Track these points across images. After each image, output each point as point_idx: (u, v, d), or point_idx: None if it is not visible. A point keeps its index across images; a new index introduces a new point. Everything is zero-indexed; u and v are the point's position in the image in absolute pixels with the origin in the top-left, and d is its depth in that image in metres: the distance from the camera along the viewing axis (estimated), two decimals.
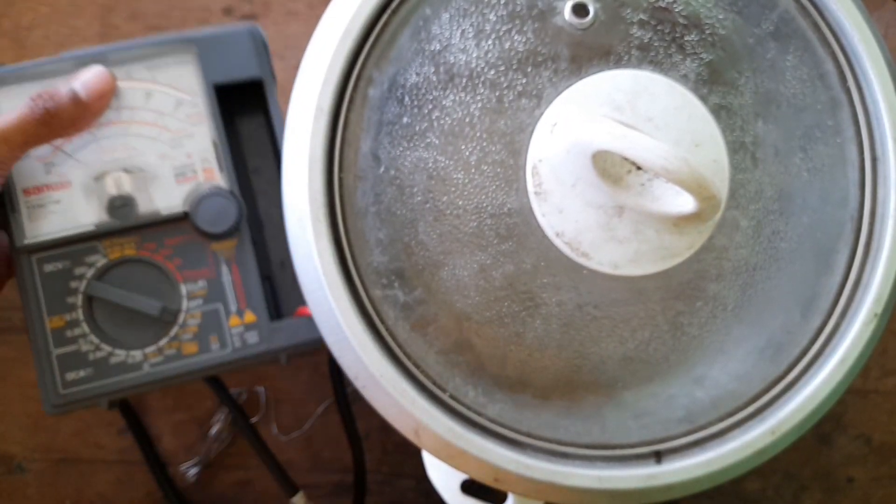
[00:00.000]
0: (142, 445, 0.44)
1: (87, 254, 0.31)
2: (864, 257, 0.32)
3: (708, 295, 0.32)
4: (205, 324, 0.32)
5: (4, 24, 0.45)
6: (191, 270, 0.32)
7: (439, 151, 0.31)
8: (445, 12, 0.31)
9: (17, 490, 0.45)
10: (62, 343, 0.31)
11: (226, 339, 0.32)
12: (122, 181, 0.31)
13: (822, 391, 0.31)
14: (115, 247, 0.31)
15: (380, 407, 0.30)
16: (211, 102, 0.32)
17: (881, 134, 0.32)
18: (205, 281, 0.32)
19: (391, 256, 0.31)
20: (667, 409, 0.31)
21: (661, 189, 0.30)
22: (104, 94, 0.31)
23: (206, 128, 0.32)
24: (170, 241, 0.32)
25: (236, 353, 0.32)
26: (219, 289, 0.32)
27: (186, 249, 0.32)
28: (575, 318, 0.31)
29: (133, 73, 0.31)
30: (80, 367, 0.31)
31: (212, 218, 0.32)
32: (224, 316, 0.32)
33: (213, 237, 0.32)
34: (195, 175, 0.32)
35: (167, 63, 0.32)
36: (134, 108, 0.32)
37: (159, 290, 0.32)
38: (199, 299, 0.32)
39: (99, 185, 0.31)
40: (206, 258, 0.32)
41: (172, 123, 0.32)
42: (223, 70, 0.32)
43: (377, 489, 0.46)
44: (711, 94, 0.32)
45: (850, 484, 0.48)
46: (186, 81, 0.32)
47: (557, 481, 0.29)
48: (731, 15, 0.32)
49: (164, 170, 0.32)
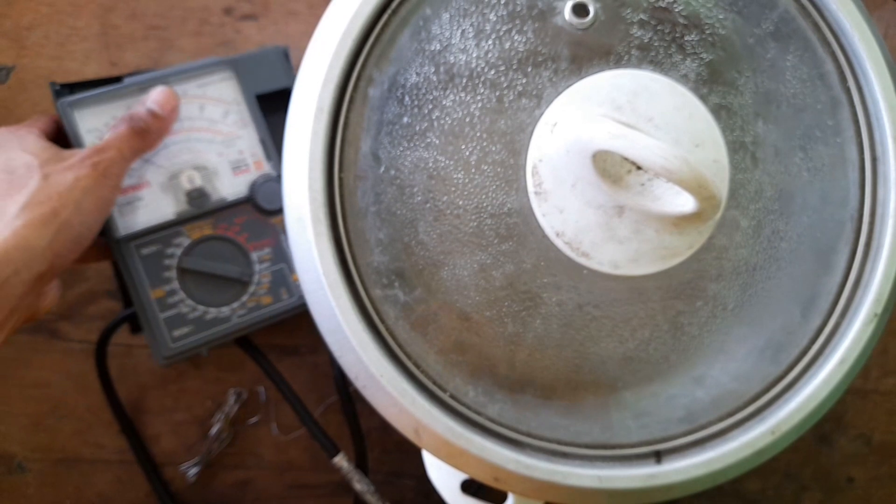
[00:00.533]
0: (135, 448, 0.44)
1: (174, 237, 0.38)
2: (864, 257, 0.32)
3: (708, 295, 0.32)
4: (274, 280, 0.40)
5: (5, 25, 0.45)
6: (257, 241, 0.40)
7: (439, 151, 0.31)
8: (445, 12, 0.31)
9: (17, 490, 0.45)
10: (165, 308, 0.38)
11: (292, 289, 0.40)
12: (195, 177, 0.39)
13: (822, 391, 0.31)
14: (195, 229, 0.39)
15: (380, 406, 0.30)
16: (253, 109, 0.39)
17: (881, 134, 0.32)
18: (269, 248, 0.40)
19: (391, 256, 0.31)
20: (667, 409, 0.31)
21: (662, 189, 0.30)
22: (174, 108, 0.37)
23: (251, 129, 0.39)
24: (238, 220, 0.39)
25: (302, 300, 0.39)
26: (281, 252, 0.40)
27: (251, 225, 0.40)
28: (575, 317, 0.31)
29: (188, 91, 0.39)
30: (183, 325, 0.38)
31: (268, 198, 0.39)
32: (288, 273, 0.40)
33: (271, 213, 0.39)
34: (248, 167, 0.40)
35: (213, 81, 0.39)
36: (191, 118, 0.39)
37: (235, 259, 0.39)
38: (267, 262, 0.40)
39: (174, 183, 0.38)
40: (267, 230, 0.40)
41: (223, 128, 0.39)
42: (261, 82, 0.40)
43: (377, 488, 0.46)
44: (712, 94, 0.32)
45: (850, 484, 0.48)
46: (230, 94, 0.39)
47: (557, 481, 0.29)
48: (732, 15, 0.32)
49: (223, 165, 0.39)
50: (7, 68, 0.45)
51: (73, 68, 0.45)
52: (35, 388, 0.45)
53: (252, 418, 0.45)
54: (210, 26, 0.46)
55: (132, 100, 0.37)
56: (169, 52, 0.46)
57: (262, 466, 0.46)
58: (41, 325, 0.45)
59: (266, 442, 0.46)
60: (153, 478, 0.44)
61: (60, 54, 0.45)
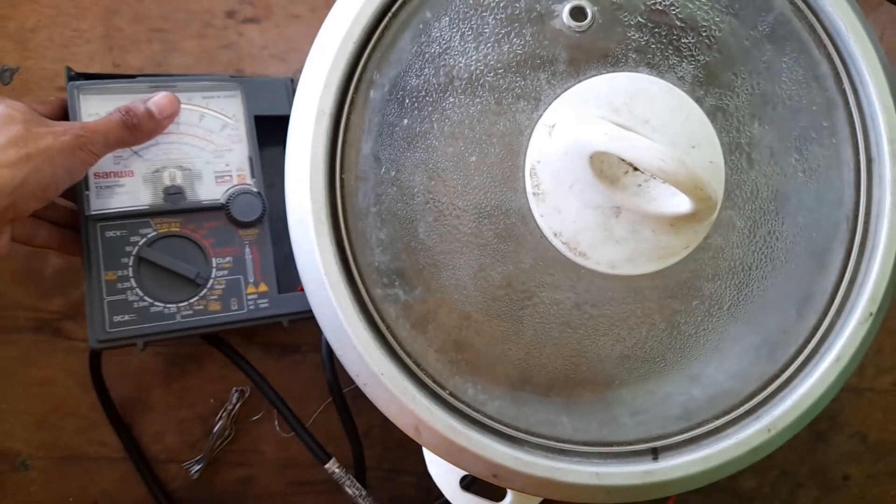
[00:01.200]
0: (127, 447, 0.45)
1: (141, 227, 0.39)
2: (860, 257, 0.33)
3: (704, 294, 0.32)
4: (228, 289, 0.40)
5: (9, 26, 0.45)
6: (221, 248, 0.40)
7: (439, 153, 0.31)
8: (445, 16, 0.31)
9: (21, 488, 0.45)
10: (113, 293, 0.38)
11: (243, 302, 0.40)
12: (176, 175, 0.40)
13: (818, 389, 0.31)
14: (163, 224, 0.40)
15: (381, 404, 0.30)
16: (250, 127, 0.41)
17: (876, 135, 0.33)
18: (231, 257, 0.40)
19: (392, 256, 0.31)
20: (663, 407, 0.32)
21: (658, 190, 0.31)
22: (172, 115, 0.39)
23: (243, 145, 0.41)
24: (208, 225, 0.40)
25: (250, 314, 0.40)
26: (242, 264, 0.40)
27: (219, 232, 0.40)
28: (573, 316, 0.31)
29: (192, 99, 0.41)
30: (125, 313, 0.38)
31: (243, 210, 0.40)
32: (244, 285, 0.40)
33: (242, 225, 0.41)
34: (231, 178, 0.41)
35: (219, 95, 0.41)
36: (190, 124, 0.41)
37: (195, 260, 0.40)
38: (225, 271, 0.40)
39: (156, 177, 0.40)
40: (234, 240, 0.41)
41: (218, 139, 0.41)
42: (263, 106, 0.42)
43: (378, 485, 0.46)
44: (708, 96, 0.32)
45: (845, 481, 0.48)
46: (232, 110, 0.41)
47: (555, 477, 0.30)
48: (728, 17, 0.33)
49: (208, 172, 0.41)
50: (11, 69, 0.45)
51: (76, 70, 0.46)
52: (39, 386, 0.45)
53: (254, 416, 0.46)
54: (213, 29, 0.46)
55: (137, 97, 0.39)
56: (172, 54, 0.46)
57: (263, 463, 0.46)
58: (45, 325, 0.45)
59: (268, 439, 0.46)
60: (148, 477, 0.45)
61: (64, 56, 0.45)
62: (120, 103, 0.38)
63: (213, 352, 0.45)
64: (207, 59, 0.46)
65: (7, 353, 0.45)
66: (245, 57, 0.47)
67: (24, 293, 0.45)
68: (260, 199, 0.40)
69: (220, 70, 0.46)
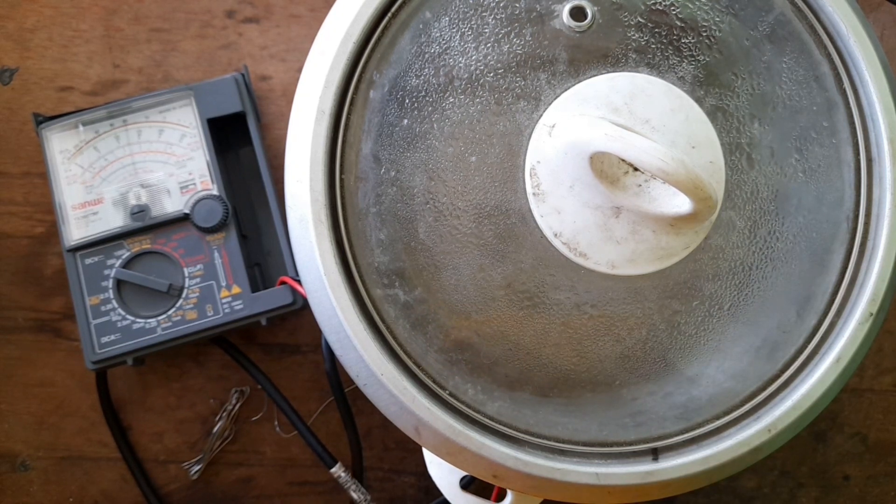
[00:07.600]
0: (121, 448, 0.45)
1: (115, 249, 0.41)
2: (860, 257, 0.32)
3: (704, 294, 0.32)
4: (202, 296, 0.41)
5: (8, 26, 0.45)
6: (191, 257, 0.41)
7: (439, 153, 0.31)
8: (445, 16, 0.32)
9: (21, 488, 0.45)
10: (98, 315, 0.40)
11: (218, 307, 0.41)
12: (141, 194, 0.42)
13: (818, 389, 0.31)
14: (135, 243, 0.41)
15: (381, 405, 0.30)
16: (205, 133, 0.42)
17: (877, 135, 0.33)
18: (202, 265, 0.41)
19: (392, 256, 0.31)
20: (664, 407, 0.32)
21: (658, 190, 0.31)
22: None
23: (201, 151, 0.42)
24: (176, 237, 0.41)
25: (226, 317, 0.41)
26: (212, 270, 0.41)
27: (188, 242, 0.42)
28: (573, 316, 0.31)
29: (150, 116, 0.42)
30: (111, 333, 0.40)
31: (205, 216, 0.41)
32: (216, 290, 0.41)
33: (207, 231, 0.41)
34: (195, 187, 0.42)
35: (174, 106, 0.42)
36: (151, 141, 0.42)
37: (169, 273, 0.41)
38: (197, 278, 0.41)
39: (124, 199, 0.41)
40: (202, 247, 0.42)
41: (178, 150, 0.42)
42: (213, 107, 0.42)
43: (378, 486, 0.46)
44: (708, 96, 0.32)
45: (846, 482, 0.48)
46: (187, 118, 0.42)
47: (555, 478, 0.30)
48: (728, 17, 0.33)
49: (172, 184, 0.42)
50: (10, 70, 0.45)
51: (76, 70, 0.46)
52: (39, 386, 0.45)
53: (254, 416, 0.46)
54: (212, 29, 0.46)
55: (101, 123, 0.42)
56: (171, 54, 0.46)
57: (263, 464, 0.46)
58: (45, 325, 0.45)
59: (268, 439, 0.46)
60: (141, 481, 0.45)
61: (64, 56, 0.45)
62: (86, 136, 0.41)
63: (213, 352, 0.45)
64: (207, 59, 0.46)
65: (7, 354, 0.45)
66: (245, 57, 0.47)
67: (24, 293, 0.45)
68: (221, 202, 0.41)
69: (219, 70, 0.46)
